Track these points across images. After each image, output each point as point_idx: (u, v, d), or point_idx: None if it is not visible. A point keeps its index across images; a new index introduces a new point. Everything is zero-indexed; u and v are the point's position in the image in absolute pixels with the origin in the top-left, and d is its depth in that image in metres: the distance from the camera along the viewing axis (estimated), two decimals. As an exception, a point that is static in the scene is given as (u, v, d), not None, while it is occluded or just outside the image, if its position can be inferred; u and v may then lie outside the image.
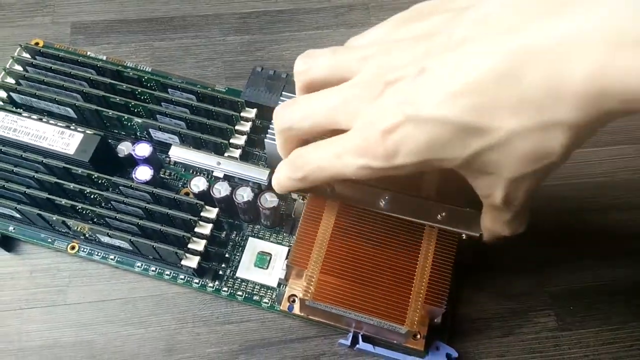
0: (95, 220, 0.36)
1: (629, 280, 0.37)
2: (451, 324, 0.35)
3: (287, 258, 0.34)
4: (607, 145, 0.42)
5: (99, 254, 0.37)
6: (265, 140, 0.35)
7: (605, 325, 0.36)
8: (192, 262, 0.34)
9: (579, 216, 0.39)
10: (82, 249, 0.37)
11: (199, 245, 0.34)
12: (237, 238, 0.38)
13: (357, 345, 0.34)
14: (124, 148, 0.39)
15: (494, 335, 0.36)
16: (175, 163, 0.39)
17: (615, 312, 0.36)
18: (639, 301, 0.37)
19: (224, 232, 0.38)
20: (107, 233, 0.34)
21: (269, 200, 0.35)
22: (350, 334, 0.34)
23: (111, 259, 0.37)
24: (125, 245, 0.35)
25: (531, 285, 0.37)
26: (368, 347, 0.34)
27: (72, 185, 0.35)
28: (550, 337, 0.36)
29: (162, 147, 0.39)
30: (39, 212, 0.34)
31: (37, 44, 0.43)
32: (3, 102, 0.40)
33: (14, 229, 0.37)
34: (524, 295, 0.37)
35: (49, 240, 0.37)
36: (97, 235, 0.35)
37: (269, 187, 0.36)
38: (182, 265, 0.34)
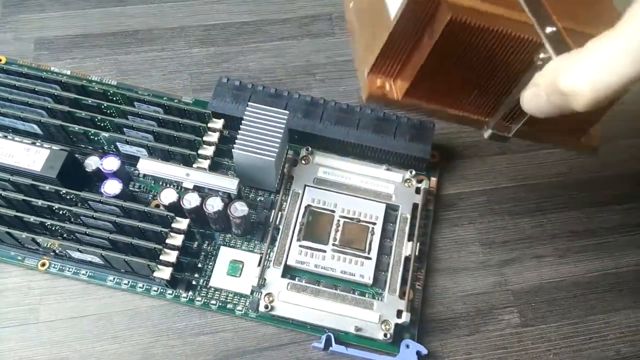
0: (65, 236, 0.36)
1: (586, 277, 0.39)
2: (419, 323, 0.37)
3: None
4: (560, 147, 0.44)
5: (70, 269, 0.37)
6: (233, 150, 0.36)
7: (565, 319, 0.38)
8: (165, 273, 0.35)
9: (536, 216, 0.41)
10: (53, 266, 0.37)
11: (171, 256, 0.35)
12: (209, 247, 0.38)
13: (331, 348, 0.35)
14: (92, 162, 0.39)
15: (461, 333, 0.37)
16: (145, 176, 0.40)
17: (574, 307, 0.38)
18: (595, 295, 0.39)
19: (196, 242, 0.38)
20: (78, 248, 0.34)
21: (239, 210, 0.36)
22: (324, 337, 0.35)
23: (83, 274, 0.37)
24: (96, 259, 0.35)
25: (494, 285, 0.39)
26: (341, 348, 0.35)
27: (40, 202, 0.35)
28: (514, 334, 0.37)
29: (130, 160, 0.39)
30: (7, 230, 0.34)
31: (-1, 60, 0.42)
32: (-34, 119, 0.40)
33: (-19, 247, 0.37)
34: (488, 294, 0.38)
35: (19, 257, 0.37)
36: (68, 251, 0.35)
37: (239, 197, 0.37)
38: (154, 277, 0.35)
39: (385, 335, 0.35)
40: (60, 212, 0.35)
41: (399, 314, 0.36)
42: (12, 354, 0.35)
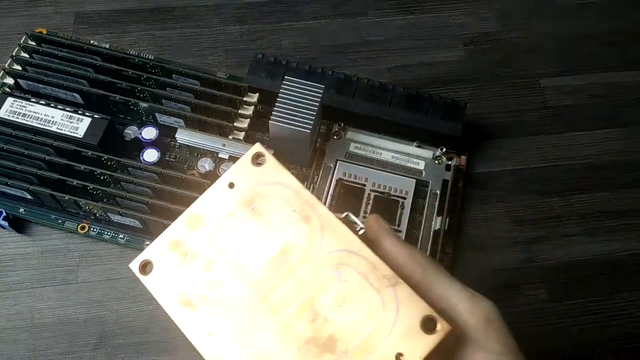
0: (106, 200, 0.37)
1: (614, 256, 0.39)
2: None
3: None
4: (592, 129, 0.44)
5: (109, 233, 0.38)
6: (270, 122, 0.37)
7: (592, 297, 0.38)
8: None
9: (565, 196, 0.41)
10: (92, 229, 0.38)
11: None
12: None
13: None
14: (131, 132, 0.40)
15: (489, 306, 0.37)
16: (181, 146, 0.41)
17: (600, 285, 0.39)
18: (622, 275, 0.39)
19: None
20: (119, 212, 0.35)
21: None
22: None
23: (121, 238, 0.38)
24: (135, 223, 0.36)
25: (523, 261, 0.39)
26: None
27: (82, 167, 0.36)
28: (541, 309, 0.38)
29: (167, 132, 0.40)
30: (52, 192, 0.35)
31: (41, 32, 0.44)
32: (10, 88, 0.41)
33: (24, 210, 0.38)
34: (516, 270, 0.39)
35: (59, 221, 0.38)
36: (109, 214, 0.36)
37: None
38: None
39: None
40: (102, 178, 0.37)
41: (428, 285, 0.36)
42: (51, 312, 0.36)
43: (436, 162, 0.41)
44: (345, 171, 0.40)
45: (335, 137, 0.41)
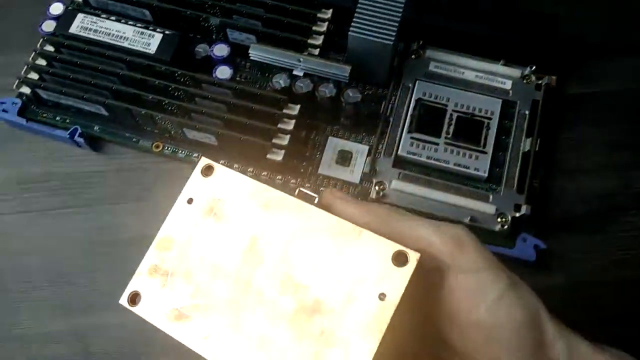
0: (181, 115, 0.36)
1: None
2: (538, 219, 0.35)
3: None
4: None
5: (183, 152, 0.37)
6: (349, 33, 0.34)
7: (693, 224, 0.35)
8: (278, 155, 0.34)
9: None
10: (166, 148, 0.38)
11: (284, 140, 0.35)
12: (317, 138, 0.38)
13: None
14: (202, 50, 0.39)
15: (582, 232, 0.35)
16: (252, 66, 0.39)
17: None
18: None
19: (304, 132, 0.38)
20: (196, 126, 0.34)
21: (351, 96, 0.35)
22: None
23: (195, 157, 0.37)
24: (210, 140, 0.35)
25: (619, 187, 0.36)
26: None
27: (156, 82, 0.35)
28: (637, 236, 0.35)
29: (238, 51, 0.39)
30: (128, 106, 0.35)
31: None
32: (79, 5, 0.40)
33: (98, 128, 0.38)
34: (611, 196, 0.36)
35: (134, 139, 0.38)
36: (184, 130, 0.35)
37: (351, 84, 0.36)
38: (267, 158, 0.35)
39: (502, 226, 0.34)
40: (175, 94, 0.36)
41: (517, 207, 0.34)
42: (129, 229, 0.37)
43: (525, 81, 0.38)
44: (425, 91, 0.38)
45: (413, 56, 0.39)
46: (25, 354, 0.34)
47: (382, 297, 0.22)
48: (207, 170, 0.26)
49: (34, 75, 0.36)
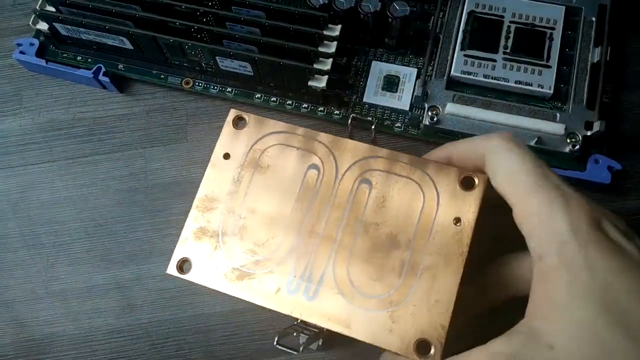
0: (211, 42, 0.33)
1: None
2: (610, 139, 0.31)
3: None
4: None
5: (215, 87, 0.34)
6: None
7: None
8: (321, 82, 0.31)
9: None
10: (197, 84, 0.35)
11: (326, 64, 0.31)
12: (360, 63, 0.34)
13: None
14: (227, -26, 0.35)
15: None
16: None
17: None
18: None
19: (345, 58, 0.35)
20: (230, 53, 0.31)
21: (399, 10, 0.32)
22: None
23: (228, 92, 0.34)
24: (245, 69, 0.32)
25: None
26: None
27: (183, 6, 0.32)
28: None
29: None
30: (154, 34, 0.31)
31: None
32: None
33: (123, 67, 0.35)
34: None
35: (162, 76, 0.35)
36: (217, 58, 0.32)
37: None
38: (309, 85, 0.31)
39: (573, 146, 0.30)
40: (205, 19, 0.32)
41: (588, 125, 0.31)
42: (166, 172, 0.34)
43: (589, -16, 0.34)
44: (478, 2, 0.34)
45: (461, -34, 0.35)
46: (66, 309, 0.32)
47: (457, 222, 0.22)
48: (239, 121, 0.25)
49: (50, 8, 0.33)
